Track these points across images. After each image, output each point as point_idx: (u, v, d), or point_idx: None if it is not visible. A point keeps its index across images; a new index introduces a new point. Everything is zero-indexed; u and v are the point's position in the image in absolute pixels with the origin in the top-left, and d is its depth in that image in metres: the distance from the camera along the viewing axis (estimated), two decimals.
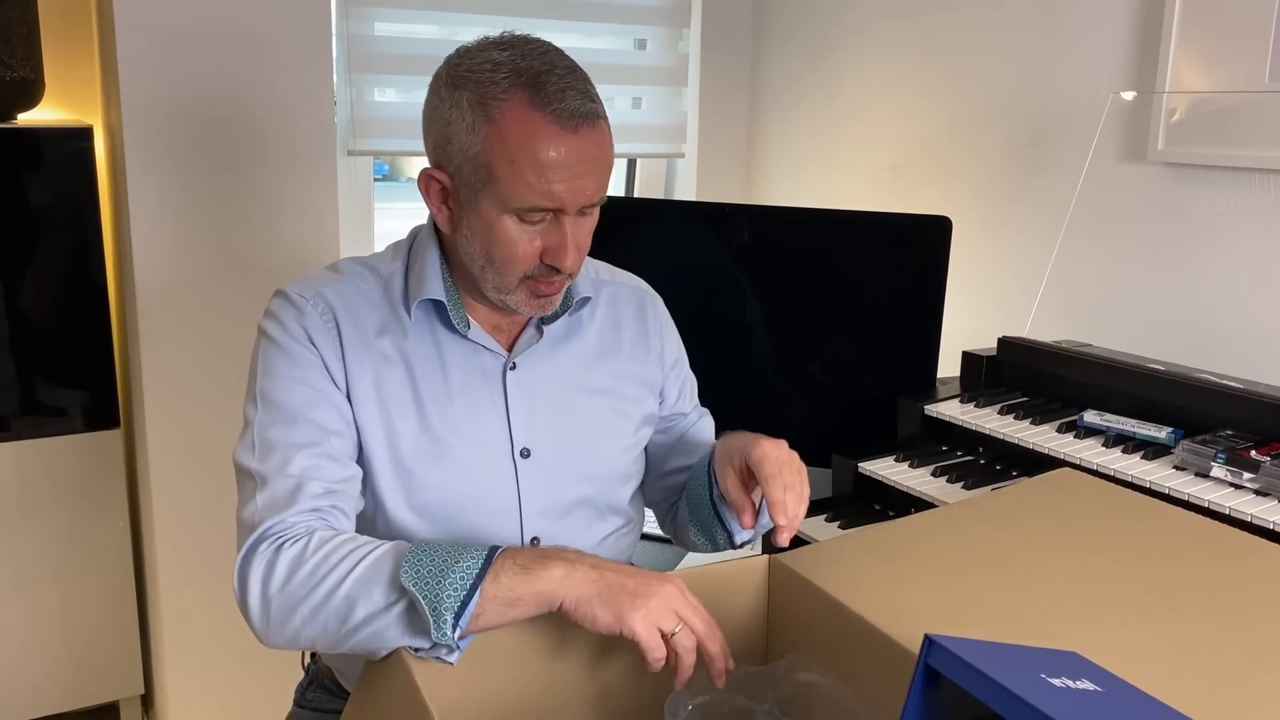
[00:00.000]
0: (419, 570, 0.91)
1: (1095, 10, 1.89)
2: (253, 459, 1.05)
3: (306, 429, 1.06)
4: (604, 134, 1.06)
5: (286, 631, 0.97)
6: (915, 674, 0.74)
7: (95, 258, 2.15)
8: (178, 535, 2.16)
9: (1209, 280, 1.75)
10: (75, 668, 2.30)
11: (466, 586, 0.90)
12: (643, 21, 2.63)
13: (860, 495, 1.70)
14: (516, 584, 0.91)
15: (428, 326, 1.14)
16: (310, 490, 1.02)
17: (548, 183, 1.02)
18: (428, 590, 0.90)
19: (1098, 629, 0.91)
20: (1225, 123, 1.68)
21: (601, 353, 1.23)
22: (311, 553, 0.97)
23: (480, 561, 0.92)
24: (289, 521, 1.01)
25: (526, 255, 1.06)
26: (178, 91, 2.02)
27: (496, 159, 1.02)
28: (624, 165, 2.84)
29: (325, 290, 1.12)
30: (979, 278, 2.13)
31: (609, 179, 1.09)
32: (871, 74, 2.39)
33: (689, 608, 0.91)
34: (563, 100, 1.01)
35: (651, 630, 0.88)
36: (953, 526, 1.14)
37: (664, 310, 1.32)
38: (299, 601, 0.95)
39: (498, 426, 1.14)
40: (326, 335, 1.10)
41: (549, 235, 1.06)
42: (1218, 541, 1.09)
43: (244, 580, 0.99)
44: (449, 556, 0.92)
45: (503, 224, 1.05)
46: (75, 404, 2.20)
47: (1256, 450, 1.34)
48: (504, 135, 1.01)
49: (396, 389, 1.11)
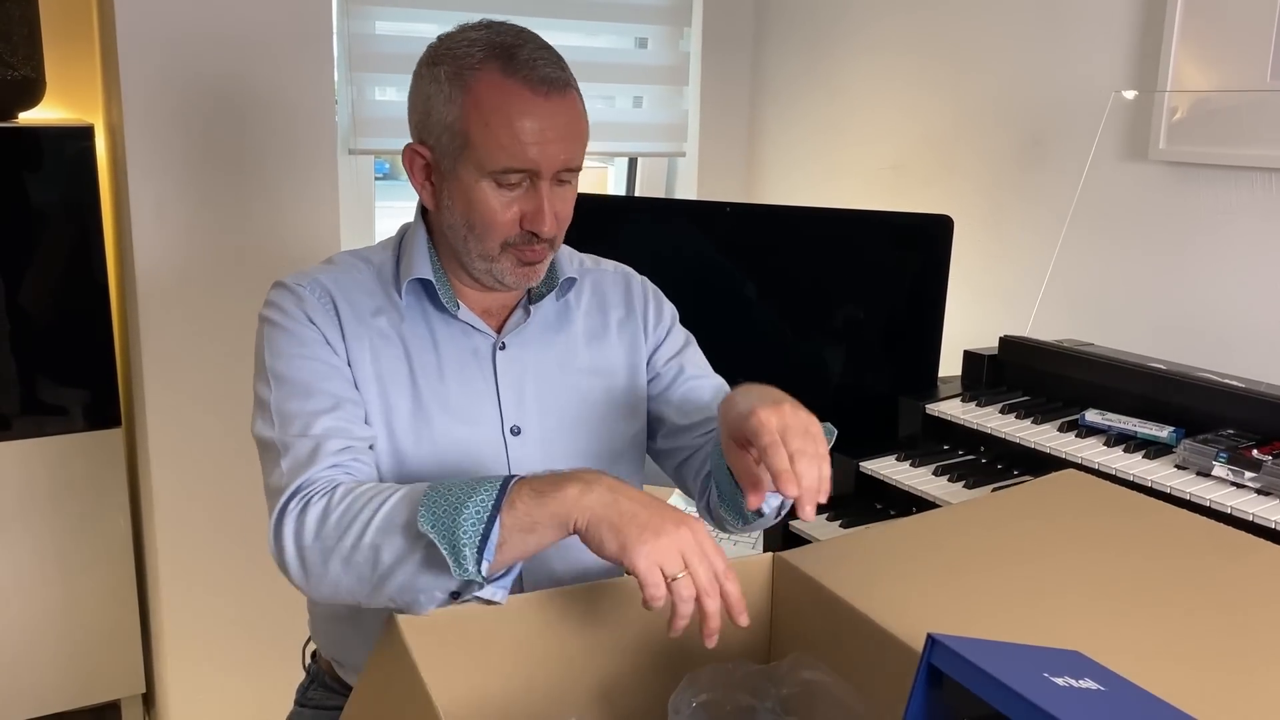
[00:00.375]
0: (435, 510, 0.91)
1: (1097, 9, 1.89)
2: (272, 430, 1.08)
3: (322, 398, 1.09)
4: (575, 103, 1.11)
5: (326, 582, 0.99)
6: (918, 673, 0.74)
7: (96, 257, 2.15)
8: (179, 534, 2.16)
9: (1211, 279, 1.75)
10: (77, 666, 2.30)
11: (484, 519, 0.90)
12: (644, 20, 2.63)
13: (861, 494, 1.70)
14: (533, 508, 0.90)
15: (419, 308, 1.18)
16: (330, 447, 1.05)
17: (521, 144, 1.06)
18: (444, 529, 0.90)
19: (1101, 628, 0.91)
20: (1227, 122, 1.68)
21: (590, 335, 1.25)
22: (337, 503, 0.99)
23: (495, 492, 0.91)
24: (314, 478, 1.03)
25: (505, 221, 1.10)
26: (179, 91, 2.02)
27: (472, 124, 1.08)
28: (625, 164, 2.84)
29: (321, 278, 1.17)
30: (980, 277, 2.13)
31: (582, 151, 1.13)
32: (873, 72, 2.39)
33: (698, 554, 0.88)
34: (534, 68, 1.07)
35: (653, 567, 0.86)
36: (956, 526, 1.14)
37: (650, 286, 1.33)
38: (330, 552, 0.97)
39: (489, 404, 1.18)
40: (326, 316, 1.14)
41: (526, 201, 1.10)
42: (1220, 541, 1.09)
43: (279, 539, 1.01)
44: (464, 492, 0.92)
45: (481, 190, 1.09)
46: (76, 403, 2.20)
47: (1258, 449, 1.34)
48: (479, 101, 1.07)
49: (393, 366, 1.15)
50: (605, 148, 2.65)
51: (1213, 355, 1.68)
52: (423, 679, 0.85)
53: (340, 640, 1.25)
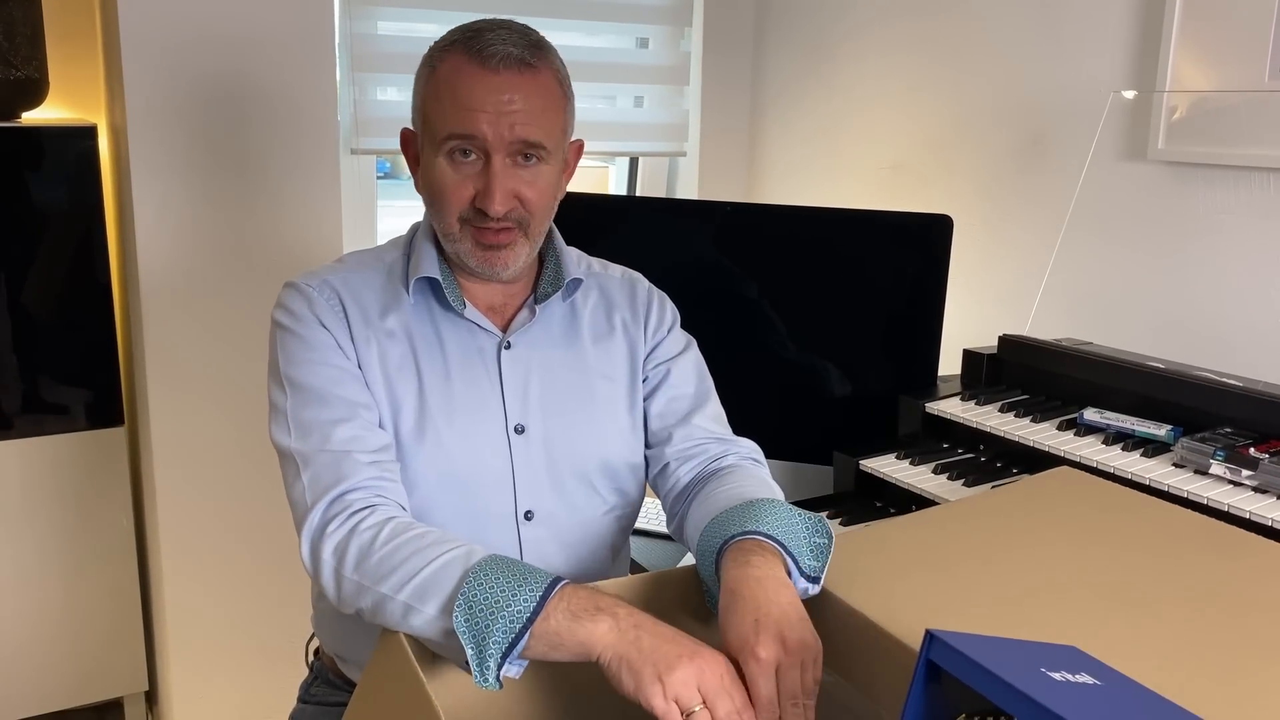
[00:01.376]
0: (471, 608, 0.90)
1: (1096, 9, 1.90)
2: (290, 439, 1.09)
3: (338, 405, 1.10)
4: (532, 81, 1.11)
5: (354, 608, 1.00)
6: (916, 669, 0.74)
7: (99, 256, 2.16)
8: (181, 532, 2.17)
9: (1209, 278, 1.75)
10: (79, 664, 2.31)
11: (516, 630, 0.88)
12: (645, 20, 2.64)
13: (861, 492, 1.71)
14: (563, 630, 0.89)
15: (426, 306, 1.19)
16: (356, 463, 1.06)
17: (464, 111, 1.09)
18: (476, 633, 0.89)
19: (1097, 624, 0.91)
20: (1225, 122, 1.69)
21: (596, 336, 1.26)
22: (383, 543, 0.99)
23: (535, 601, 0.89)
24: (351, 498, 1.04)
25: (458, 195, 1.12)
26: (181, 90, 2.03)
27: (429, 99, 1.13)
28: (626, 164, 2.85)
29: (330, 278, 1.18)
30: (980, 276, 2.14)
31: (545, 131, 1.12)
32: (873, 73, 2.39)
33: (717, 688, 0.85)
34: (493, 46, 1.10)
35: (669, 705, 0.83)
36: (952, 524, 1.15)
37: (656, 290, 1.33)
38: (364, 590, 0.98)
39: (493, 402, 1.18)
40: (335, 317, 1.15)
41: (479, 179, 1.12)
42: (1215, 539, 1.10)
43: (316, 558, 1.02)
44: (504, 592, 0.90)
45: (438, 164, 1.12)
46: (79, 402, 2.21)
47: (1255, 448, 1.35)
48: (438, 78, 1.12)
49: (400, 364, 1.16)
50: (606, 147, 2.65)
51: (1211, 354, 1.69)
52: (423, 680, 0.86)
53: (344, 636, 1.26)
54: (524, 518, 1.19)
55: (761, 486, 1.17)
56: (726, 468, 1.23)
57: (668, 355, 1.29)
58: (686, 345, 1.32)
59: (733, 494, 1.13)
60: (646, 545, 1.78)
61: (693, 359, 1.31)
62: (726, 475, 1.20)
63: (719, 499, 1.14)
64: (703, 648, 0.88)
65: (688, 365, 1.30)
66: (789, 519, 1.02)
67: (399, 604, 0.95)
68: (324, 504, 1.04)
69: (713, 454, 1.24)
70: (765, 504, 1.05)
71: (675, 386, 1.28)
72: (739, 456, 1.25)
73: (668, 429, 1.26)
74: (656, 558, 1.75)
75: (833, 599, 0.98)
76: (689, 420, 1.26)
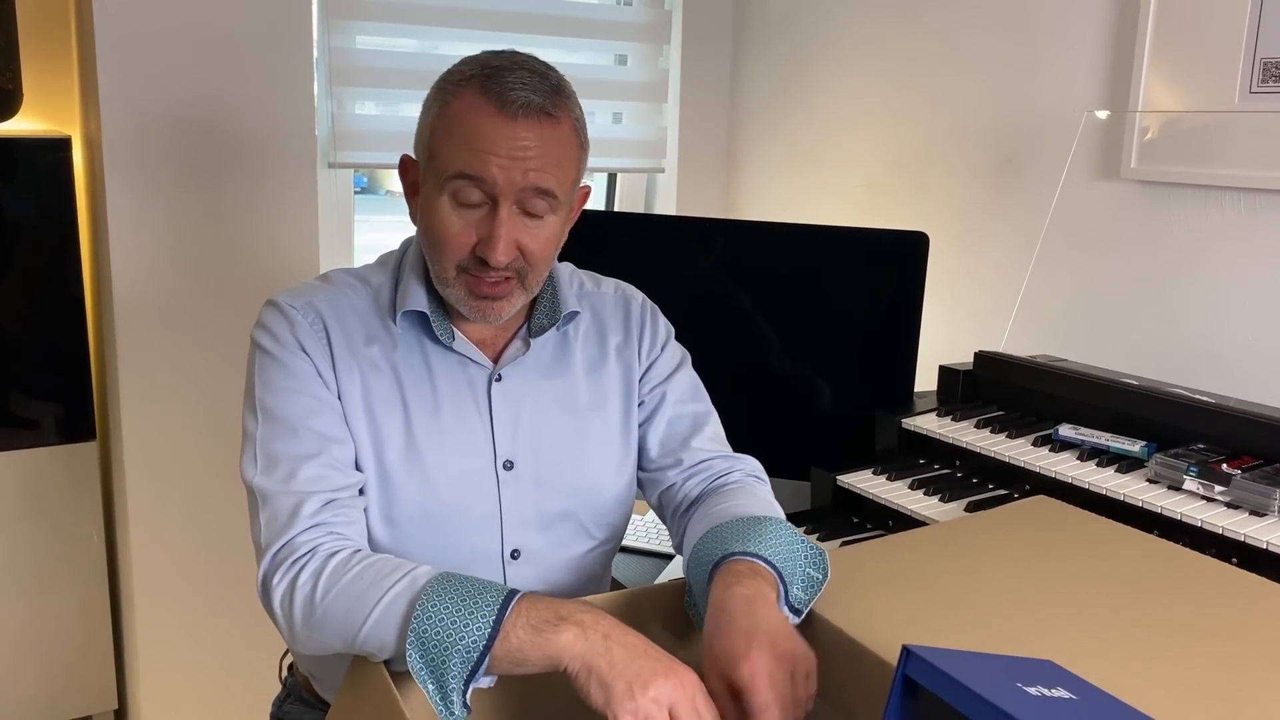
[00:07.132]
0: (425, 639, 0.88)
1: (1069, 30, 1.92)
2: (256, 473, 1.06)
3: (309, 439, 1.07)
4: (550, 131, 1.07)
5: (314, 649, 1.00)
6: (893, 684, 0.74)
7: (72, 269, 2.14)
8: (153, 549, 2.15)
9: (1182, 296, 1.77)
10: (49, 682, 2.27)
11: (474, 658, 0.87)
12: (623, 38, 2.65)
13: (838, 508, 1.71)
14: (526, 644, 0.87)
15: (414, 337, 1.15)
16: (309, 507, 1.03)
17: (475, 154, 1.04)
18: (433, 671, 0.87)
19: (1072, 647, 0.92)
20: (1197, 141, 1.71)
21: (590, 366, 1.23)
22: (324, 594, 0.96)
23: (490, 623, 0.87)
24: (294, 543, 1.01)
25: (459, 243, 1.07)
26: (157, 102, 2.01)
27: (438, 134, 1.07)
28: (605, 180, 2.86)
29: (315, 300, 1.14)
30: (955, 293, 2.15)
31: (557, 181, 1.08)
32: (849, 91, 2.41)
33: (687, 708, 0.84)
34: (512, 91, 1.05)
35: None
36: (928, 547, 1.15)
37: (650, 306, 1.31)
38: (321, 643, 0.98)
39: (482, 437, 1.15)
40: (317, 343, 1.11)
41: (483, 226, 1.07)
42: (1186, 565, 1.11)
43: (268, 602, 1.02)
44: (456, 622, 0.88)
45: (440, 203, 1.07)
46: (50, 416, 2.18)
47: (1228, 464, 1.36)
48: (449, 113, 1.06)
49: (384, 397, 1.12)
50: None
51: (1184, 371, 1.71)
52: (398, 699, 0.85)
53: (318, 656, 1.24)
54: (510, 556, 1.17)
55: (765, 505, 1.17)
56: (733, 484, 1.22)
57: (662, 376, 1.27)
58: (681, 361, 1.30)
59: (736, 509, 1.12)
60: (623, 561, 1.78)
61: (688, 376, 1.30)
62: (733, 491, 1.19)
63: (722, 512, 1.13)
64: (676, 664, 0.86)
65: (683, 384, 1.28)
66: (790, 546, 1.01)
67: (358, 647, 0.94)
68: (271, 553, 1.02)
69: (718, 470, 1.24)
70: (770, 524, 1.04)
71: (673, 408, 1.26)
72: (744, 473, 1.24)
73: (672, 454, 1.25)
74: (634, 574, 1.74)
75: (811, 615, 0.98)
76: (689, 444, 1.25)
